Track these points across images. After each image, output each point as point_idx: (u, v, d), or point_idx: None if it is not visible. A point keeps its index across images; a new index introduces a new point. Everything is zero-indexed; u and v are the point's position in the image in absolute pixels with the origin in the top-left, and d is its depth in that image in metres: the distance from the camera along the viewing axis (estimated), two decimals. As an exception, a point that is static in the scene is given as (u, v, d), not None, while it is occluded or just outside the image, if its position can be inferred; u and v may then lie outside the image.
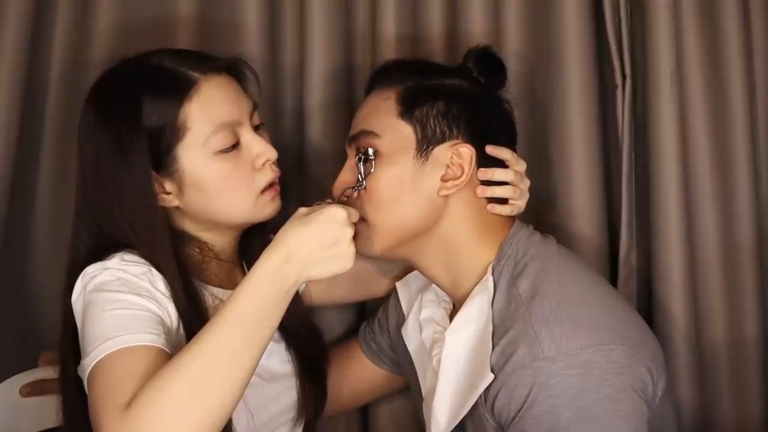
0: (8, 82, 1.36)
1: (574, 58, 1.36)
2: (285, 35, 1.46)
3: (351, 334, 1.42)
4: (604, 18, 1.35)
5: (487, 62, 1.19)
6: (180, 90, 1.08)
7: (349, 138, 1.16)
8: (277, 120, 1.43)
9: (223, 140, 1.09)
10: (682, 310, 1.31)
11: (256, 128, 1.15)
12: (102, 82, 1.14)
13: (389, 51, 1.40)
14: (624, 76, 1.35)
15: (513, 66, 1.29)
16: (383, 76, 1.18)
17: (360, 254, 1.06)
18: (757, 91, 1.40)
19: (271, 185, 1.14)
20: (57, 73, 1.43)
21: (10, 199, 1.38)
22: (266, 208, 1.14)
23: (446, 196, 1.11)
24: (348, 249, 1.00)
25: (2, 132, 1.35)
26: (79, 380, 1.05)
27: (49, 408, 1.19)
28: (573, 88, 1.36)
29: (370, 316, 1.40)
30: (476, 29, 1.39)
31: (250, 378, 0.95)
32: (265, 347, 0.97)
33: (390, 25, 1.41)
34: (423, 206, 1.11)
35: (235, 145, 1.11)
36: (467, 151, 1.11)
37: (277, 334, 1.12)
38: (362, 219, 1.11)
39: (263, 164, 1.13)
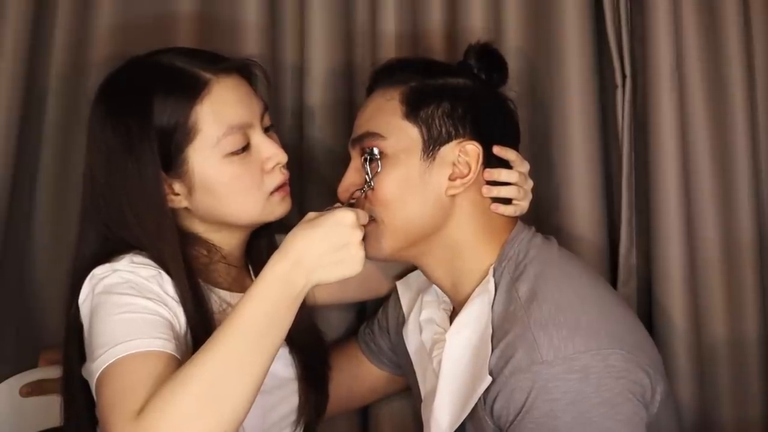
0: (8, 82, 1.35)
1: (574, 58, 1.36)
2: (285, 34, 1.46)
3: (351, 334, 1.41)
4: (604, 17, 1.35)
5: (488, 58, 1.19)
6: (191, 90, 1.07)
7: (352, 140, 1.15)
8: (277, 119, 1.42)
9: (234, 142, 1.08)
10: (682, 309, 1.31)
11: (266, 130, 1.13)
12: (112, 81, 1.12)
13: (389, 49, 1.39)
14: (624, 76, 1.34)
15: (513, 64, 1.28)
16: (385, 75, 1.16)
17: (369, 257, 1.05)
18: (758, 90, 1.40)
19: (281, 186, 1.13)
20: (57, 72, 1.42)
21: (10, 199, 1.37)
22: (277, 208, 1.13)
23: (453, 196, 1.11)
24: (357, 252, 0.99)
25: (2, 132, 1.35)
26: (84, 381, 1.04)
27: (49, 408, 1.19)
28: (573, 87, 1.36)
29: (370, 316, 1.39)
30: (476, 26, 1.39)
31: (261, 384, 0.94)
32: (276, 353, 0.96)
33: (390, 23, 1.40)
34: (431, 206, 1.10)
35: (246, 147, 1.10)
36: (474, 148, 1.11)
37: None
38: (372, 220, 1.10)
39: (273, 167, 1.12)
